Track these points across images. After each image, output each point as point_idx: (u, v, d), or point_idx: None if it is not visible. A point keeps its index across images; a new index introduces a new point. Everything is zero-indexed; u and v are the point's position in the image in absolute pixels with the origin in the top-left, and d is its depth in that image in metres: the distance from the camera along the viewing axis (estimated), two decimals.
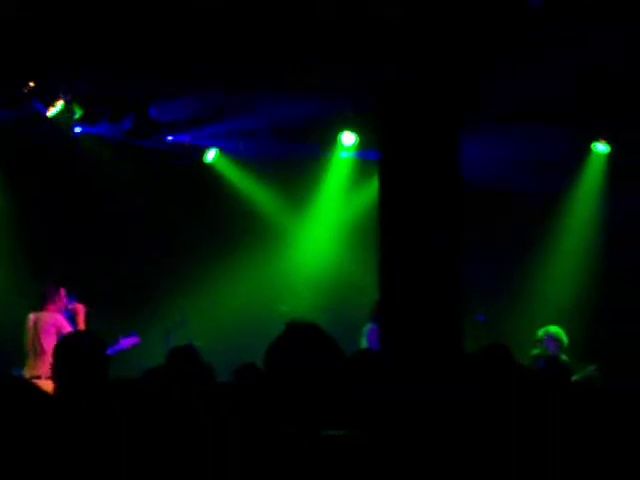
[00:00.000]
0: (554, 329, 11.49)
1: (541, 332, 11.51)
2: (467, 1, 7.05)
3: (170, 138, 13.02)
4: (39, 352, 10.96)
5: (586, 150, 13.15)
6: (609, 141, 12.72)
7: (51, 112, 11.48)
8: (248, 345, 11.46)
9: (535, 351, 11.57)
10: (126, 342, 11.35)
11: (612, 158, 12.91)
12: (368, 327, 11.47)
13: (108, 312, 12.19)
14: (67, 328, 10.91)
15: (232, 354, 9.89)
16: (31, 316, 11.15)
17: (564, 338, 11.45)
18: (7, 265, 12.33)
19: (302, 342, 3.43)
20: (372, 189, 9.68)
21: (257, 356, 5.61)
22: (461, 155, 7.20)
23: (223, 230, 13.65)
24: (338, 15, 8.56)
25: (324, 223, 14.09)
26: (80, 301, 11.42)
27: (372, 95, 8.27)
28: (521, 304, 13.70)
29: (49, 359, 10.54)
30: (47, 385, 7.01)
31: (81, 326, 11.10)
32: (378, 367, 4.78)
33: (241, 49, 9.57)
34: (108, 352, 10.93)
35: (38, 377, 10.39)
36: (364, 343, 11.34)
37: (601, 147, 13.02)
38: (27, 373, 10.67)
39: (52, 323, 11.02)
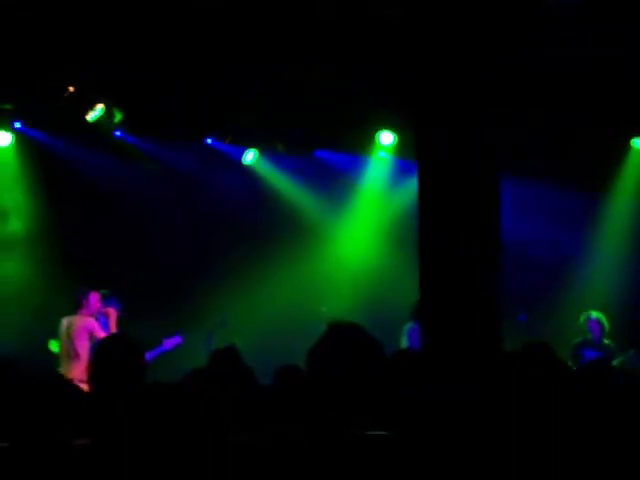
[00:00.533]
0: (595, 313, 11.60)
1: (583, 317, 11.60)
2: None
3: (209, 141, 13.08)
4: (72, 356, 10.99)
5: (625, 147, 13.09)
6: None
7: (91, 116, 11.57)
8: (288, 346, 11.48)
9: (576, 340, 11.58)
10: (169, 343, 11.40)
11: None
12: (409, 326, 11.45)
13: (149, 314, 12.26)
14: (100, 332, 10.94)
15: (272, 355, 9.91)
16: (64, 321, 11.18)
17: (606, 322, 11.53)
18: (47, 269, 12.41)
19: (344, 343, 3.43)
20: (412, 188, 9.67)
21: (297, 357, 5.63)
22: (497, 150, 7.17)
23: (263, 231, 13.67)
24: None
25: (364, 223, 14.08)
26: (121, 304, 11.48)
27: (406, 96, 8.27)
28: (563, 304, 13.60)
29: (83, 363, 10.67)
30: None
31: (113, 330, 11.13)
32: (419, 368, 4.78)
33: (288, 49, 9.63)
34: (152, 353, 11.07)
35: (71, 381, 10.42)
36: (404, 342, 11.33)
37: None
38: None
39: (84, 327, 11.04)
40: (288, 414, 4.38)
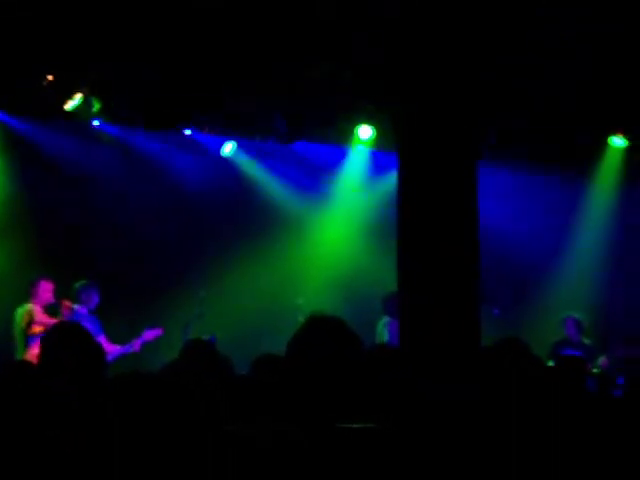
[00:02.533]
0: (575, 313, 11.74)
1: (562, 316, 11.73)
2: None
3: (188, 132, 13.05)
4: (20, 345, 10.90)
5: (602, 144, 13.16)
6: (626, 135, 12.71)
7: (69, 105, 11.52)
8: (264, 338, 11.53)
9: (556, 339, 11.70)
10: (150, 334, 11.36)
11: (629, 152, 12.91)
12: (387, 320, 11.50)
13: (127, 306, 12.25)
14: (39, 319, 10.83)
15: (248, 346, 9.93)
16: (18, 310, 11.07)
17: (584, 321, 11.66)
18: (21, 259, 12.34)
19: (324, 335, 3.44)
20: (390, 182, 9.69)
21: (274, 348, 5.64)
22: (478, 148, 7.21)
23: (240, 223, 13.67)
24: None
25: (342, 216, 14.10)
26: (99, 295, 11.40)
27: (389, 93, 8.30)
28: (536, 298, 13.67)
29: (28, 352, 10.63)
30: None
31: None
32: (396, 362, 4.79)
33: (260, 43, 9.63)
34: (133, 345, 11.05)
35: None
36: (384, 336, 11.36)
37: (618, 141, 13.01)
38: None
39: (26, 314, 10.93)
40: (266, 404, 4.39)
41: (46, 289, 11.13)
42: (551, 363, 11.08)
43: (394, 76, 7.20)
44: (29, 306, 11.02)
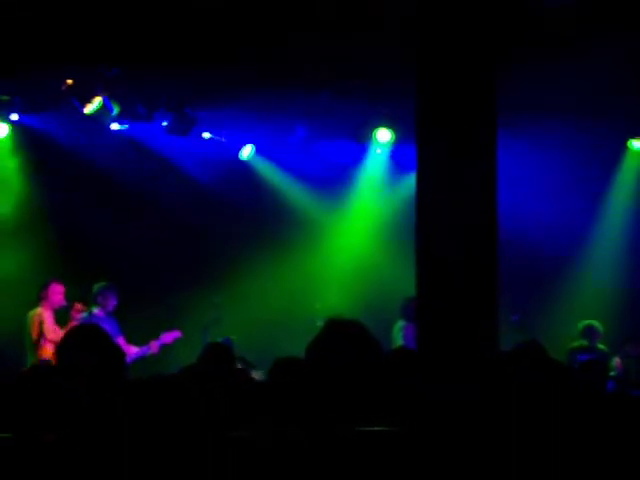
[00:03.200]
0: (593, 322, 11.87)
1: (581, 325, 12.00)
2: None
3: (207, 135, 13.07)
4: (31, 348, 10.90)
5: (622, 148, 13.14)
6: None
7: (89, 109, 11.57)
8: (282, 342, 11.50)
9: (575, 344, 11.79)
10: (168, 337, 11.33)
11: None
12: (402, 324, 11.49)
13: (144, 310, 12.26)
14: (49, 324, 10.84)
15: (265, 351, 9.91)
16: (29, 313, 11.06)
17: (601, 329, 11.95)
18: (42, 260, 12.37)
19: (343, 339, 3.43)
20: (410, 184, 9.68)
21: (292, 352, 5.63)
22: (497, 155, 7.18)
23: (258, 227, 13.66)
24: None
25: (360, 220, 14.08)
26: (118, 296, 11.40)
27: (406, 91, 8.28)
28: (555, 305, 13.62)
29: (40, 354, 10.63)
30: None
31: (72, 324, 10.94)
32: (415, 366, 4.79)
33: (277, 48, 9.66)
34: (151, 347, 11.04)
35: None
36: (399, 340, 11.35)
37: (637, 144, 12.99)
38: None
39: (36, 317, 10.93)
40: (286, 408, 4.38)
41: (57, 291, 11.10)
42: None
43: (409, 76, 7.19)
44: (39, 310, 11.02)
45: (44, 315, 10.94)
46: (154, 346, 11.22)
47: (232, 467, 3.42)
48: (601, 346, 11.98)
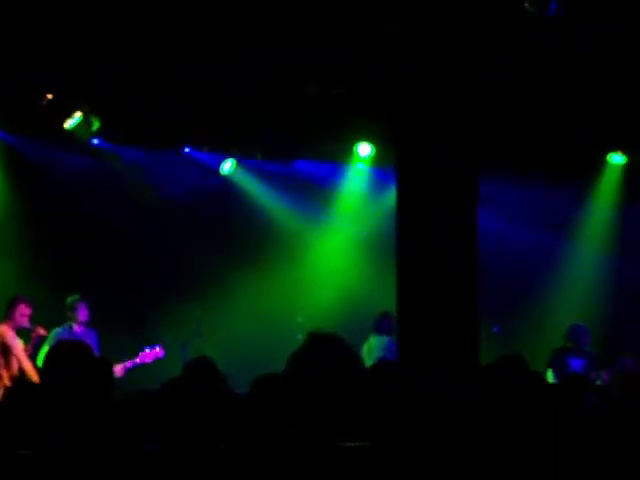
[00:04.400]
0: (579, 324, 11.69)
1: (568, 326, 11.70)
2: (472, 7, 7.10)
3: (187, 150, 13.07)
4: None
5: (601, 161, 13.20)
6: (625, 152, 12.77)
7: (68, 124, 11.55)
8: (263, 356, 11.48)
9: (557, 346, 11.59)
10: (149, 355, 11.22)
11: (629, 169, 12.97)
12: (385, 340, 11.56)
13: (124, 323, 12.22)
14: (14, 344, 10.65)
15: (248, 365, 9.90)
16: None
17: (588, 332, 11.70)
18: (23, 279, 12.31)
19: (323, 352, 3.43)
20: (391, 199, 9.71)
21: (273, 366, 5.62)
22: (477, 168, 7.21)
23: (239, 241, 13.67)
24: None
25: (341, 235, 14.10)
26: (90, 310, 11.33)
27: (388, 107, 8.30)
28: (536, 316, 13.67)
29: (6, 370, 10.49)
30: None
31: (30, 351, 10.83)
32: (396, 379, 4.79)
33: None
34: (130, 364, 10.96)
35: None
36: (373, 354, 11.41)
37: (617, 158, 13.06)
38: None
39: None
40: (266, 422, 4.38)
41: (24, 314, 10.83)
42: (550, 372, 11.09)
43: (391, 91, 7.22)
44: (2, 327, 10.86)
45: (8, 334, 10.76)
46: (131, 363, 11.10)
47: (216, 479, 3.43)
48: (588, 348, 11.81)
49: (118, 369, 10.68)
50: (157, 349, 11.25)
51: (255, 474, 3.33)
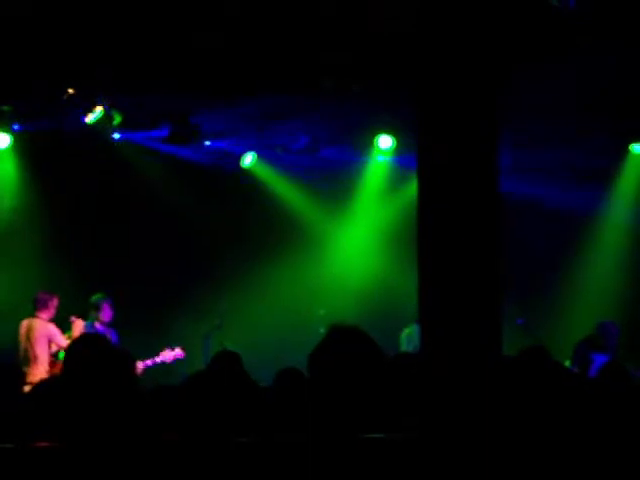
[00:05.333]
0: (609, 322, 11.63)
1: (597, 323, 11.61)
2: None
3: (208, 143, 13.09)
4: (31, 360, 10.94)
5: (623, 152, 13.14)
6: None
7: (90, 118, 11.58)
8: (285, 349, 11.51)
9: (580, 339, 11.55)
10: (168, 356, 11.28)
11: None
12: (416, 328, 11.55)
13: (146, 316, 12.27)
14: (59, 339, 10.94)
15: (269, 358, 9.93)
16: (24, 323, 11.15)
17: (617, 331, 11.56)
18: (44, 271, 12.37)
19: (346, 345, 3.44)
20: (411, 189, 9.70)
21: (294, 360, 5.64)
22: (499, 156, 7.19)
23: (260, 234, 13.68)
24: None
25: (362, 227, 14.09)
26: (113, 308, 11.44)
27: (409, 98, 8.29)
28: (560, 308, 13.63)
29: (41, 367, 10.63)
30: None
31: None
32: (417, 371, 4.79)
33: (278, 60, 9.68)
34: (150, 362, 11.01)
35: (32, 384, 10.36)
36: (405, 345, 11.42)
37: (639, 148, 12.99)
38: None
39: (44, 333, 11.01)
40: (290, 417, 4.39)
41: (55, 305, 11.27)
42: (568, 362, 11.04)
43: (410, 82, 7.20)
44: (39, 322, 11.13)
45: (53, 331, 11.02)
46: (151, 362, 11.17)
47: (240, 473, 3.43)
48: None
49: (139, 367, 10.76)
50: (177, 350, 11.31)
51: (276, 467, 3.34)
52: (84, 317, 11.30)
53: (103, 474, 3.72)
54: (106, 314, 11.34)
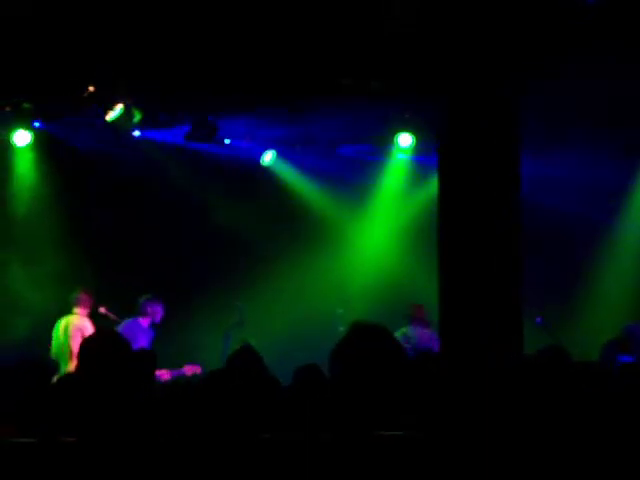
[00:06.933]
0: (634, 324, 11.57)
1: (624, 326, 11.55)
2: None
3: (227, 141, 13.10)
4: (69, 356, 11.06)
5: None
6: None
7: (110, 116, 11.61)
8: (304, 347, 11.51)
9: (607, 340, 11.49)
10: (189, 369, 11.36)
11: None
12: (418, 330, 11.64)
13: (167, 316, 12.29)
14: (89, 331, 11.02)
15: (288, 355, 9.92)
16: (62, 321, 11.32)
17: None
18: (60, 267, 12.41)
19: (368, 342, 3.43)
20: (431, 188, 9.68)
21: (313, 358, 5.63)
22: (521, 159, 7.17)
23: (280, 232, 13.68)
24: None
25: (382, 225, 14.07)
26: (164, 307, 11.57)
27: (431, 97, 8.28)
28: (580, 307, 13.58)
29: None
30: None
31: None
32: (439, 369, 4.78)
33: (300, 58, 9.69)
34: (173, 374, 11.10)
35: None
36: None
37: None
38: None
39: (78, 327, 11.18)
40: (310, 414, 4.38)
41: (91, 301, 11.48)
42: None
43: (430, 79, 7.19)
44: (78, 320, 11.34)
45: (87, 326, 11.12)
46: (171, 373, 11.22)
47: (260, 469, 3.43)
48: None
49: (163, 376, 10.83)
50: (196, 366, 11.38)
51: (297, 463, 3.34)
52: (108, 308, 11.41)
53: (112, 471, 3.73)
54: (158, 314, 11.47)
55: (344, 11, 8.85)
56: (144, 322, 11.43)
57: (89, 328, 11.15)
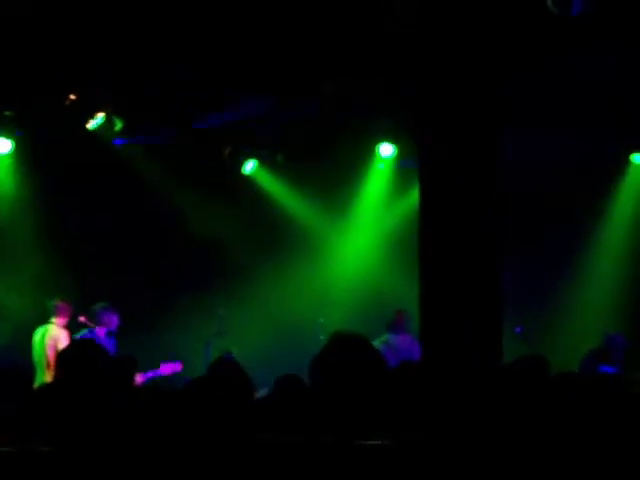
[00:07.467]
0: (618, 334, 11.60)
1: (605, 337, 11.57)
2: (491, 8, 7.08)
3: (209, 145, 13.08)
4: (45, 366, 11.01)
5: (624, 161, 13.15)
6: None
7: (91, 124, 11.58)
8: (285, 356, 11.51)
9: (588, 350, 11.50)
10: (167, 368, 11.30)
11: None
12: (399, 338, 11.67)
13: (147, 323, 12.27)
14: (63, 343, 10.91)
15: (269, 365, 9.92)
16: (38, 330, 11.26)
17: (625, 344, 11.59)
18: (41, 275, 12.37)
19: (348, 352, 3.44)
20: (413, 197, 9.69)
21: (294, 366, 5.63)
22: (502, 162, 7.19)
23: (262, 241, 13.67)
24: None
25: (364, 233, 14.08)
26: (119, 316, 11.47)
27: (408, 104, 8.30)
28: (559, 316, 13.61)
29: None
30: None
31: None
32: (419, 379, 4.79)
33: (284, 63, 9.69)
34: (148, 375, 11.07)
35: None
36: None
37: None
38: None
39: (53, 337, 11.10)
40: (290, 423, 4.39)
41: (69, 312, 11.40)
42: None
43: (411, 90, 7.21)
44: (55, 330, 11.24)
45: (61, 336, 11.07)
46: (152, 374, 11.18)
47: (240, 477, 3.44)
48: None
49: (137, 379, 10.76)
50: (176, 364, 11.32)
51: (275, 475, 3.34)
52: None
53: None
54: (113, 322, 11.39)
55: (344, 11, 8.84)
56: (100, 332, 11.30)
57: (64, 339, 11.04)
